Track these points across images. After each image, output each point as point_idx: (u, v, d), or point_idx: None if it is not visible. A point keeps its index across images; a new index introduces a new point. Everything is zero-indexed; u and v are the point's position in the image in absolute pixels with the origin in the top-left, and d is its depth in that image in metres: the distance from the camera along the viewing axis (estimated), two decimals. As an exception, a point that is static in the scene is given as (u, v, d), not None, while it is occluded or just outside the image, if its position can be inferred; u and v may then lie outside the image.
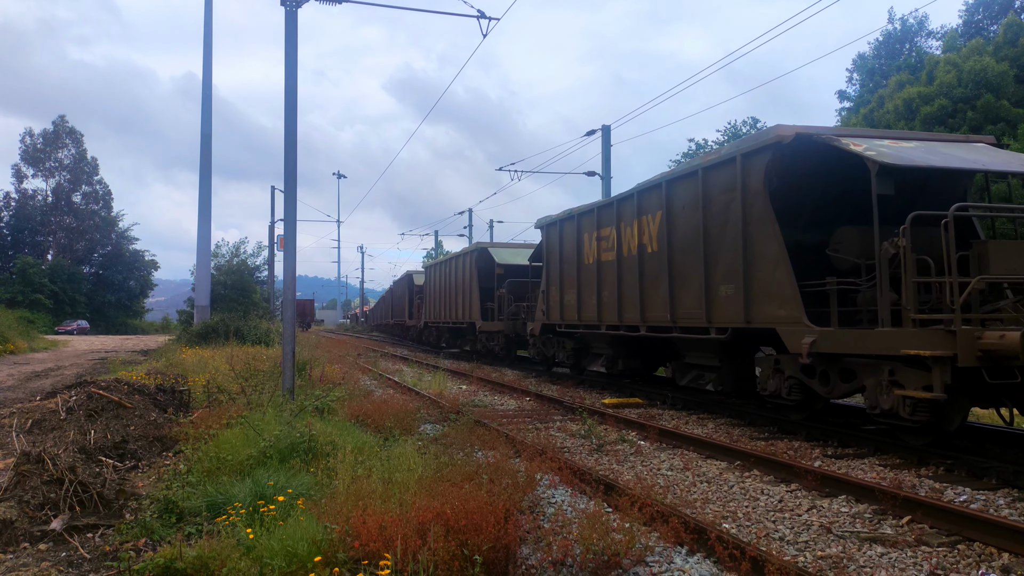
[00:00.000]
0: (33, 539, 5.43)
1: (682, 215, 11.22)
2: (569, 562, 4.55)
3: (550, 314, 16.69)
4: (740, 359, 11.28)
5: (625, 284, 13.03)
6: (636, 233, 12.59)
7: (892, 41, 43.69)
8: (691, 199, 10.94)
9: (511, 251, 24.59)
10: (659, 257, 11.81)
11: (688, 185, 11.08)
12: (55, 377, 17.43)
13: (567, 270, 15.71)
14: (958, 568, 4.82)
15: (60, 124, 66.88)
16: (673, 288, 11.39)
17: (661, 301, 11.72)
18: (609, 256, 13.69)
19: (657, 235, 11.89)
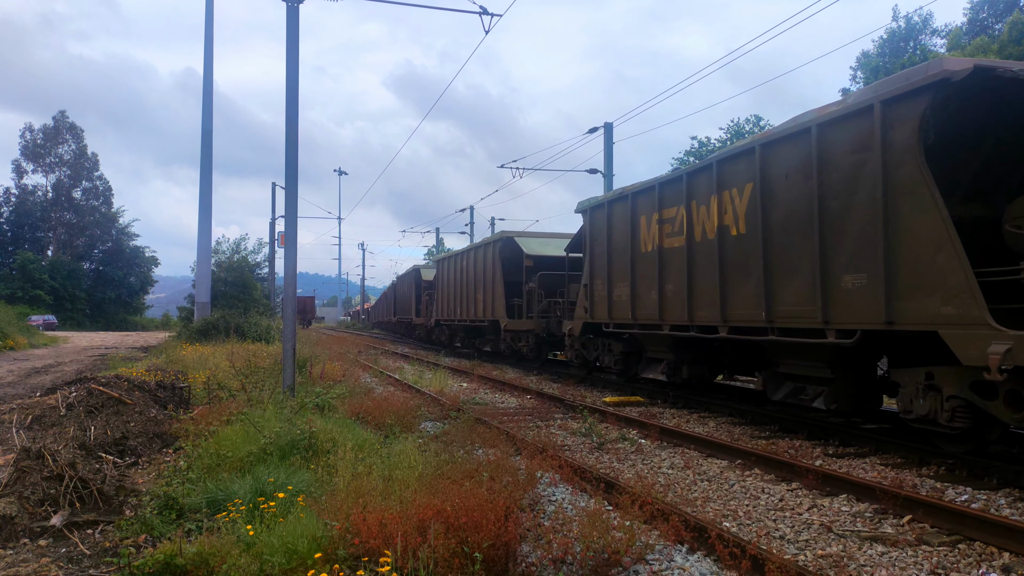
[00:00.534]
0: (33, 535, 5.43)
1: (784, 186, 8.95)
2: (569, 560, 4.54)
3: (594, 311, 14.40)
4: (861, 370, 8.93)
5: (698, 275, 10.83)
6: (715, 212, 10.31)
7: (896, 39, 43.64)
8: (799, 165, 8.69)
9: (541, 241, 21.66)
10: (748, 241, 9.62)
11: (794, 148, 8.81)
12: (55, 373, 17.43)
13: (618, 260, 13.43)
14: (959, 567, 4.81)
15: (60, 119, 66.87)
16: (769, 279, 9.16)
17: (751, 296, 9.54)
18: (675, 242, 11.47)
19: (746, 213, 9.65)
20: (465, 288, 25.10)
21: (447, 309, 27.83)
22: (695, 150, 49.81)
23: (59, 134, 66.49)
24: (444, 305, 28.35)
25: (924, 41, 43.61)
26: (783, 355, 9.75)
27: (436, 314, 29.86)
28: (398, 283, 44.65)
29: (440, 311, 29.06)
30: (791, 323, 8.85)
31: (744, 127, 47.45)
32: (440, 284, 29.12)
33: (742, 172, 9.79)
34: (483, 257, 23.26)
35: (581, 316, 15.04)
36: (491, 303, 22.11)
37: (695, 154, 49.78)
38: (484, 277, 22.91)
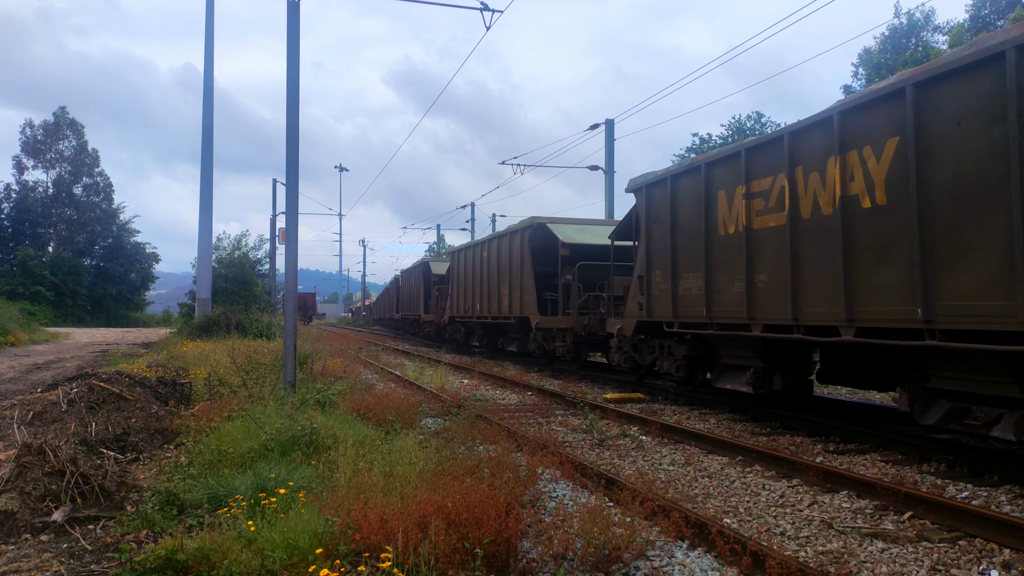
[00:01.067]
0: (35, 530, 5.44)
1: (954, 139, 6.70)
2: (570, 556, 4.55)
3: (652, 308, 12.11)
4: None
5: (805, 261, 8.60)
6: (836, 179, 8.06)
7: (898, 36, 43.55)
8: (981, 105, 6.47)
9: (579, 227, 19.14)
10: (890, 215, 7.38)
11: (972, 83, 6.57)
12: (56, 369, 17.44)
13: (685, 246, 11.17)
14: (959, 564, 4.81)
15: (61, 116, 66.78)
16: (928, 263, 6.91)
17: (893, 287, 7.33)
18: (771, 220, 9.24)
19: (886, 178, 7.41)
20: (486, 281, 22.68)
21: (464, 305, 25.34)
22: (696, 147, 49.77)
23: (59, 130, 66.42)
24: (460, 300, 25.79)
25: (926, 38, 43.52)
26: (942, 365, 7.45)
27: (451, 310, 27.21)
28: (403, 278, 42.05)
29: (455, 307, 26.58)
30: (963, 323, 6.63)
31: (746, 124, 47.41)
32: (455, 277, 26.64)
33: (879, 124, 7.54)
34: (509, 246, 20.71)
35: (634, 313, 12.77)
36: (519, 298, 19.74)
37: (696, 150, 49.74)
38: (510, 268, 20.49)
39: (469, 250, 25.18)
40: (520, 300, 19.61)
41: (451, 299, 27.16)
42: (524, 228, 19.77)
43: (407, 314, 39.48)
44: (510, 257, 20.57)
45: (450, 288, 27.36)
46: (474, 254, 24.33)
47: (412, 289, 37.48)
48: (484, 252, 23.02)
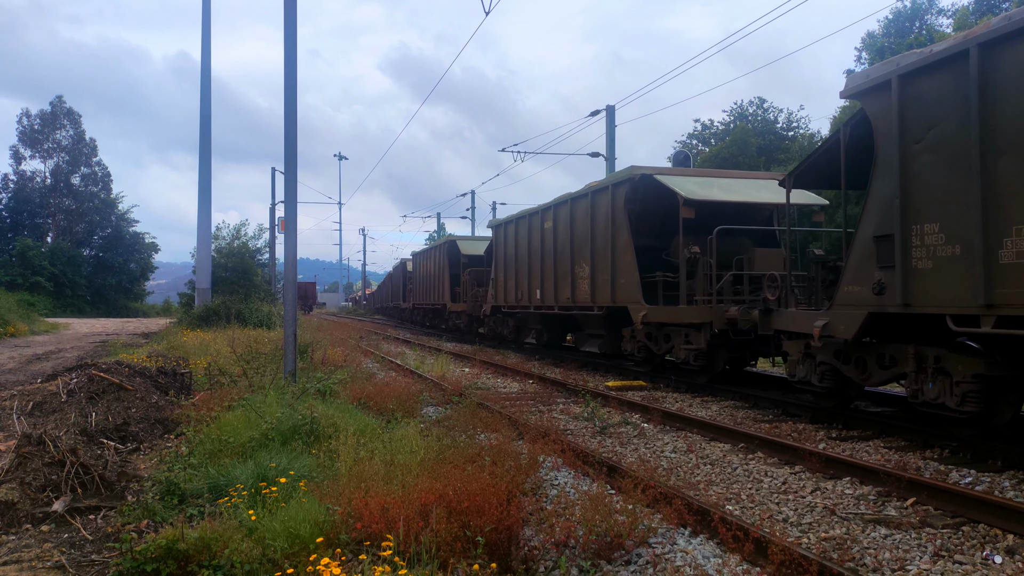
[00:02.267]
0: (35, 521, 5.43)
1: None
2: (572, 543, 4.54)
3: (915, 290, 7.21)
4: None
5: None
6: None
7: (902, 19, 43.26)
8: None
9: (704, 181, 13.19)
10: None
11: None
12: (56, 360, 17.44)
13: None
14: (962, 550, 4.80)
15: (58, 105, 66.50)
16: None
17: None
18: None
19: None
20: (552, 260, 17.38)
21: (515, 291, 20.09)
22: (698, 132, 49.61)
23: (56, 119, 66.14)
24: (510, 286, 20.48)
25: (930, 21, 43.26)
26: None
27: (496, 299, 21.65)
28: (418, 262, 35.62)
29: (501, 294, 21.36)
30: None
31: (748, 109, 47.23)
32: (501, 257, 21.45)
33: None
34: (591, 210, 15.21)
35: (855, 299, 7.96)
36: (608, 280, 14.29)
37: (698, 137, 49.58)
38: (593, 240, 15.13)
39: (523, 220, 19.73)
40: (611, 284, 14.36)
41: (495, 284, 22.16)
42: (618, 183, 14.26)
43: (423, 303, 33.57)
44: (592, 225, 15.31)
45: (494, 271, 22.09)
46: (530, 225, 19.07)
47: (432, 274, 31.32)
48: (550, 222, 17.69)
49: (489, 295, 22.64)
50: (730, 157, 39.67)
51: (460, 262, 27.15)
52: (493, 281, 22.14)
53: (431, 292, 31.32)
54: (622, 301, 13.93)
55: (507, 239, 20.85)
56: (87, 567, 4.62)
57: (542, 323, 19.95)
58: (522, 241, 19.65)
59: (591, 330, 16.72)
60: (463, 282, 26.36)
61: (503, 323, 22.64)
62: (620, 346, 14.83)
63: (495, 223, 22.95)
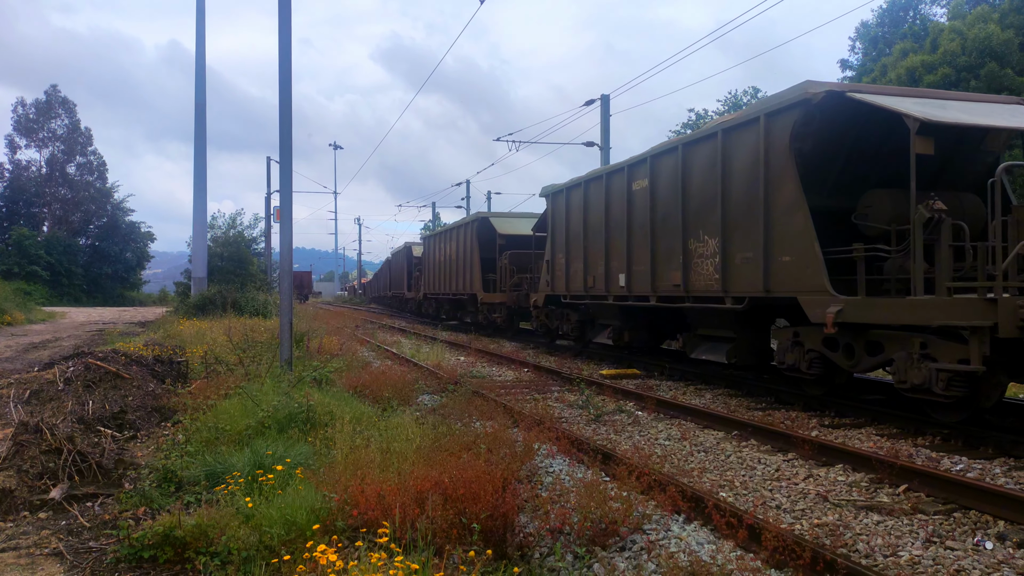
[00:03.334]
0: (33, 508, 5.45)
1: None
2: (567, 530, 4.57)
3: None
4: None
5: None
6: None
7: (896, 9, 43.14)
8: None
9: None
10: None
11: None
12: (53, 348, 17.42)
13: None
14: (954, 536, 4.84)
15: (52, 94, 66.08)
16: None
17: None
18: None
19: None
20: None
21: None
22: (692, 122, 49.47)
23: (52, 108, 65.72)
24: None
25: (924, 11, 43.15)
26: None
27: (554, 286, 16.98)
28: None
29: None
30: None
31: (742, 99, 47.13)
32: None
33: None
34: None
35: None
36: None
37: (692, 126, 49.45)
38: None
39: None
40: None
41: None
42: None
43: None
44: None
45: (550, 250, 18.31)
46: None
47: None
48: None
49: (542, 281, 18.01)
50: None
51: (495, 243, 22.60)
52: (548, 263, 17.48)
53: (452, 279, 26.27)
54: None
55: (571, 209, 16.12)
56: (84, 554, 4.65)
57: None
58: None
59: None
60: (500, 267, 22.00)
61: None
62: (765, 355, 11.03)
63: (551, 189, 17.48)
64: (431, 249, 29.23)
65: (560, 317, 17.52)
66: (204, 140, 23.13)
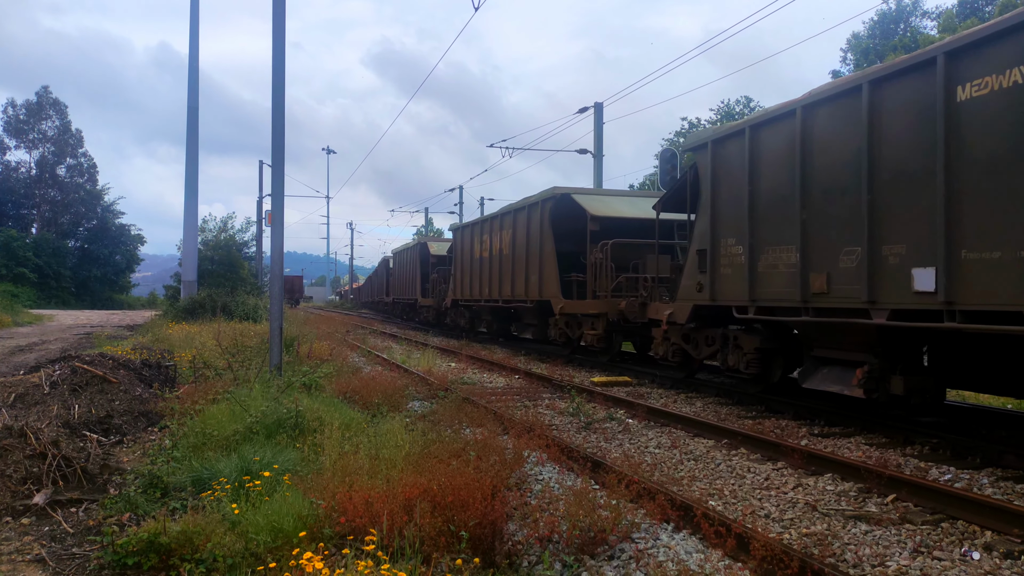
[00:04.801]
0: (16, 513, 5.38)
1: None
2: (556, 538, 4.55)
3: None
4: None
5: None
6: None
7: (887, 21, 43.54)
8: None
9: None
10: None
11: None
12: (39, 351, 17.28)
13: None
14: (941, 546, 4.85)
15: (43, 95, 65.80)
16: None
17: None
18: None
19: None
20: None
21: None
22: (685, 131, 49.69)
23: (42, 110, 65.40)
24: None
25: (915, 23, 43.56)
26: None
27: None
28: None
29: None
30: None
31: (735, 108, 47.39)
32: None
33: None
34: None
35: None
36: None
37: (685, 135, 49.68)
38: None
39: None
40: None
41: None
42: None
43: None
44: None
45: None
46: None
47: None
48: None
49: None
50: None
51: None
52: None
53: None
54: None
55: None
56: (68, 560, 4.59)
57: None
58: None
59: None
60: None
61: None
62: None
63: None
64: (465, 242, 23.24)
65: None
66: (196, 143, 23.07)
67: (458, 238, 24.25)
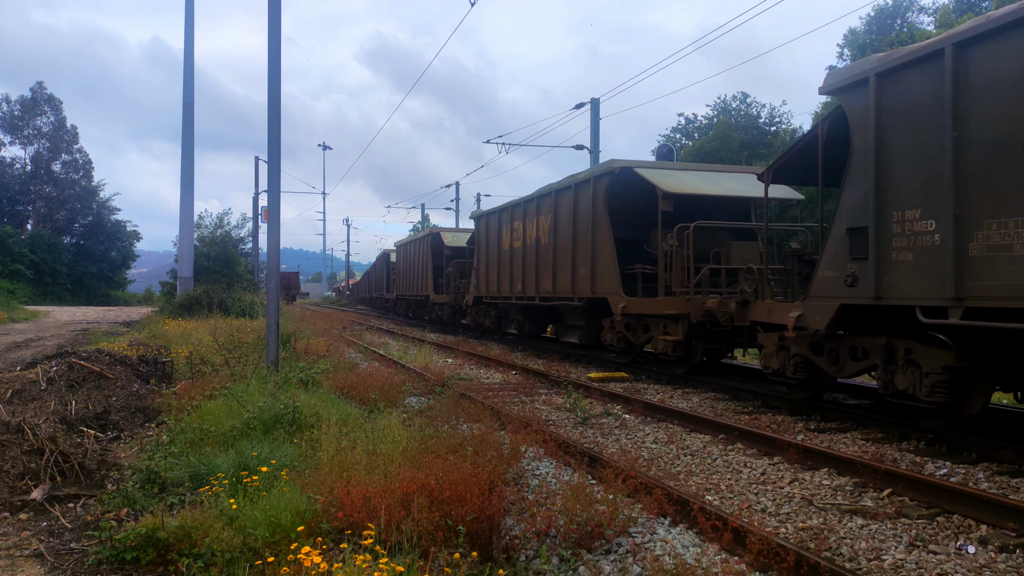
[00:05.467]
0: (14, 509, 5.39)
1: None
2: (553, 533, 4.56)
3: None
4: None
5: None
6: None
7: (884, 16, 43.54)
8: None
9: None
10: None
11: None
12: (36, 348, 17.24)
13: None
14: (937, 540, 4.88)
15: (38, 91, 65.55)
16: None
17: None
18: None
19: None
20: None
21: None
22: (682, 127, 49.76)
23: (37, 105, 65.16)
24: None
25: (912, 19, 43.57)
26: None
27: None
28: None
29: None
30: None
31: (731, 104, 47.41)
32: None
33: None
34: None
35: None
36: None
37: (683, 131, 49.73)
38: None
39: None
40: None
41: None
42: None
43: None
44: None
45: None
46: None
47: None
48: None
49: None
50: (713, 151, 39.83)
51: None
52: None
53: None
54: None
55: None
56: (66, 555, 4.60)
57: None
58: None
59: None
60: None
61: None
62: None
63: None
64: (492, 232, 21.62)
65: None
66: (192, 139, 23.01)
67: (482, 227, 21.61)
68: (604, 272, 13.81)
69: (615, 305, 13.24)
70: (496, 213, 20.37)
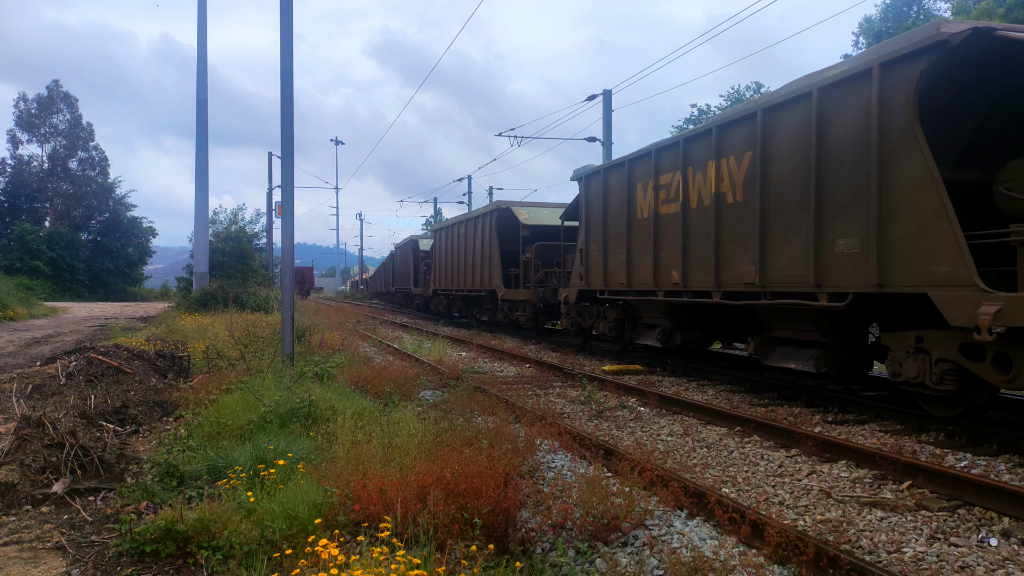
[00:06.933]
0: (35, 502, 5.45)
1: None
2: (569, 525, 4.56)
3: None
4: None
5: None
6: None
7: (899, 3, 43.02)
8: None
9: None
10: None
11: None
12: (55, 343, 17.43)
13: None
14: (958, 532, 4.83)
15: (54, 89, 66.10)
16: None
17: None
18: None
19: None
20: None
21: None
22: (695, 118, 49.43)
23: (53, 103, 65.73)
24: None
25: (928, 5, 43.01)
26: None
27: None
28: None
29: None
30: None
31: (745, 94, 47.04)
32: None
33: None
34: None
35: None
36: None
37: (695, 121, 49.38)
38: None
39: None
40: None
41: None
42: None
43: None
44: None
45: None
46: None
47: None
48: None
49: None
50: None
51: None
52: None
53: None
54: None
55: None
56: (87, 548, 4.64)
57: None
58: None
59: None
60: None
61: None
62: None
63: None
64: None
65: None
66: (206, 135, 23.12)
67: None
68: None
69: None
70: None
